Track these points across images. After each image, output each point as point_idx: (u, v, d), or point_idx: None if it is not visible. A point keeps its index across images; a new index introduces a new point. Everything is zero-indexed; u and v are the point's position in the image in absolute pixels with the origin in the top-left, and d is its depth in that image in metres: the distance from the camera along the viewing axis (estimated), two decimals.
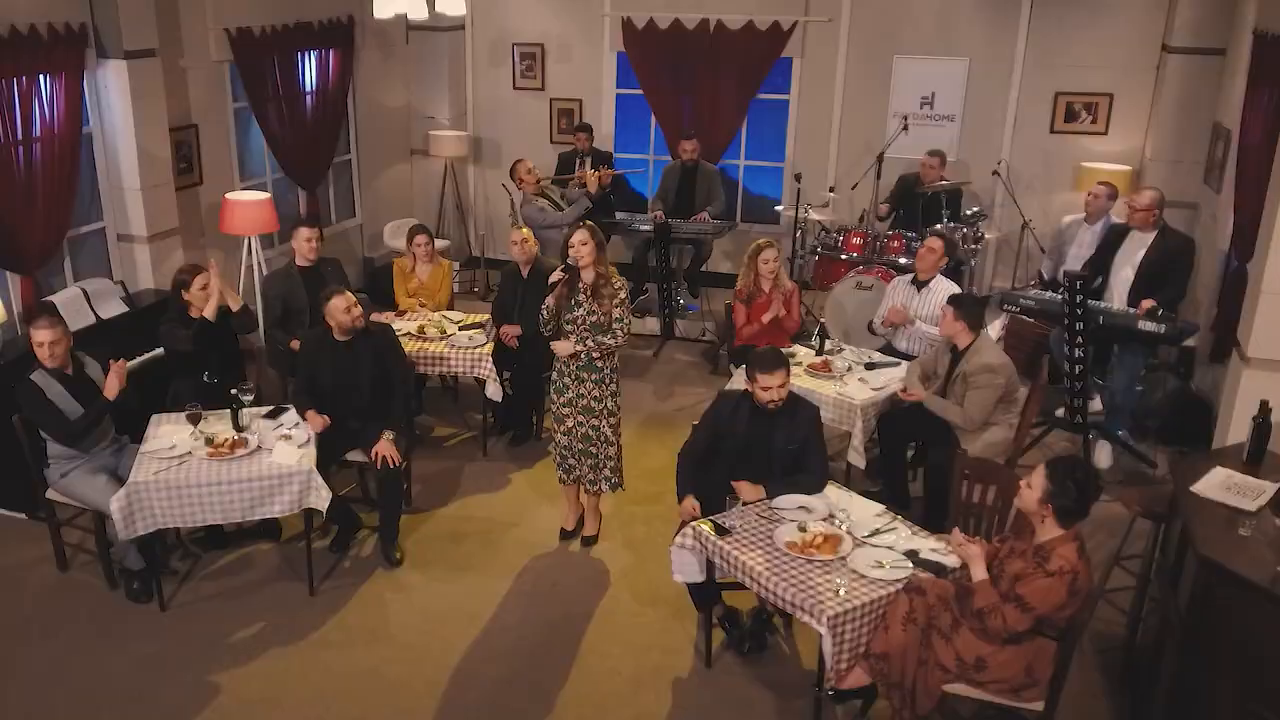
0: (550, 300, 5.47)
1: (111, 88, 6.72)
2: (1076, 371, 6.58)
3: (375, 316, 6.41)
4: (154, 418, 5.52)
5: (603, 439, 5.64)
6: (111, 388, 5.12)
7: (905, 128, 8.58)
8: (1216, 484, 4.33)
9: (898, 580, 4.26)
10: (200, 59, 7.54)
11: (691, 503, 4.92)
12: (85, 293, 6.30)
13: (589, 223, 5.45)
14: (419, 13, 6.85)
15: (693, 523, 4.70)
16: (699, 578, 4.79)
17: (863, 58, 9.45)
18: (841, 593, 4.16)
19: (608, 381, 5.58)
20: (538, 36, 10.05)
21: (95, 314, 6.28)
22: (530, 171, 8.31)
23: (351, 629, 5.15)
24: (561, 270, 5.44)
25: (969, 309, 5.80)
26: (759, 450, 4.98)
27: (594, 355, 5.46)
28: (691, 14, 9.54)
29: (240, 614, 5.22)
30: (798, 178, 8.56)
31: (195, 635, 5.05)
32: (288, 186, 8.68)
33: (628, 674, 4.86)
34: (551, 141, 10.28)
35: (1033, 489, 3.90)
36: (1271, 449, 4.79)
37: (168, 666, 4.84)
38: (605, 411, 5.60)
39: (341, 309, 5.61)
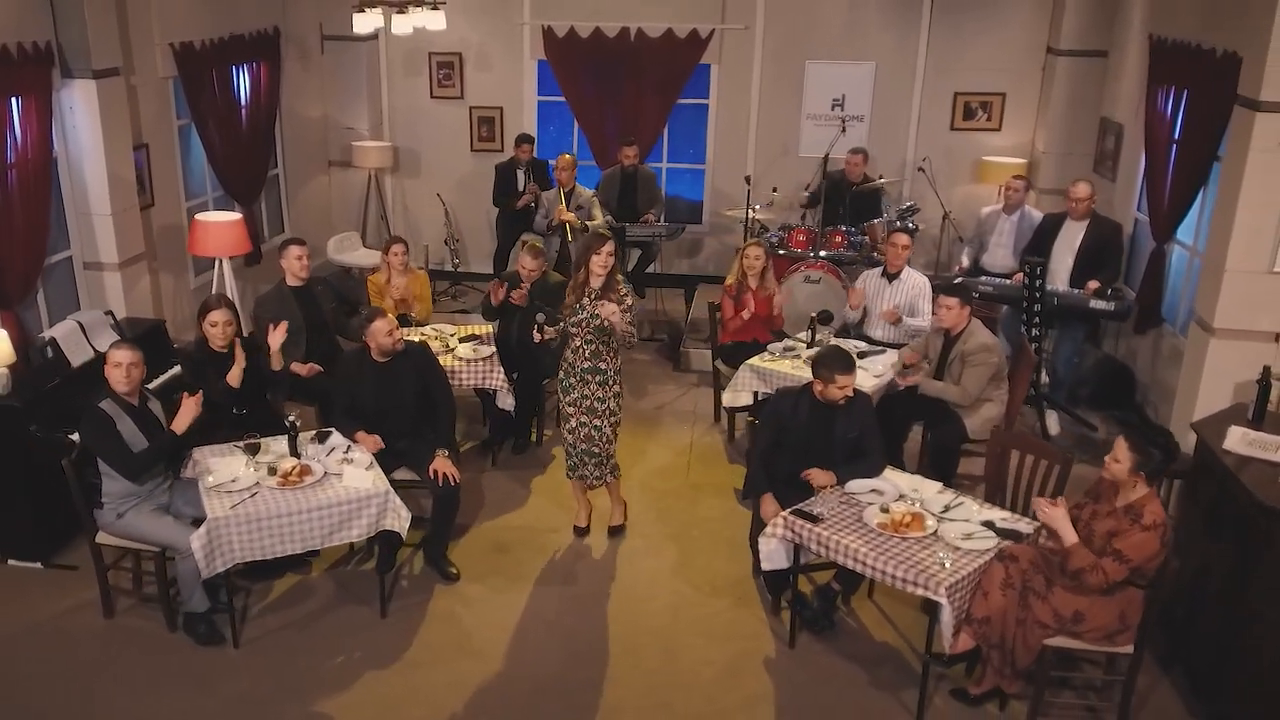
0: (568, 300, 5.76)
1: (78, 109, 6.39)
2: (1033, 348, 7.24)
3: (279, 332, 5.95)
4: (195, 451, 5.33)
5: (604, 439, 5.84)
6: (183, 422, 4.95)
7: (844, 129, 9.10)
8: (1238, 441, 4.96)
9: (988, 550, 4.69)
10: (149, 76, 7.22)
11: (773, 503, 5.18)
12: (81, 326, 5.97)
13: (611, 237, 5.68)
14: (403, 28, 6.81)
15: (781, 513, 4.98)
16: (786, 564, 5.09)
17: (777, 63, 9.93)
18: (948, 565, 4.55)
19: (610, 384, 5.78)
20: (455, 45, 10.02)
21: (93, 347, 5.96)
22: (564, 169, 8.52)
23: (436, 647, 5.16)
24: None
25: (968, 298, 6.31)
26: (821, 441, 5.32)
27: (601, 361, 5.71)
28: (612, 22, 9.77)
29: (317, 644, 5.15)
30: (747, 180, 8.95)
31: (280, 669, 4.96)
32: (222, 204, 8.38)
33: (721, 663, 5.10)
34: (472, 150, 10.30)
35: (1121, 462, 4.37)
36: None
37: (268, 703, 4.74)
38: (607, 412, 5.80)
39: (384, 331, 5.58)
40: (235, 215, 7.22)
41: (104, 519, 5.02)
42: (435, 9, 6.98)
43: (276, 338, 5.79)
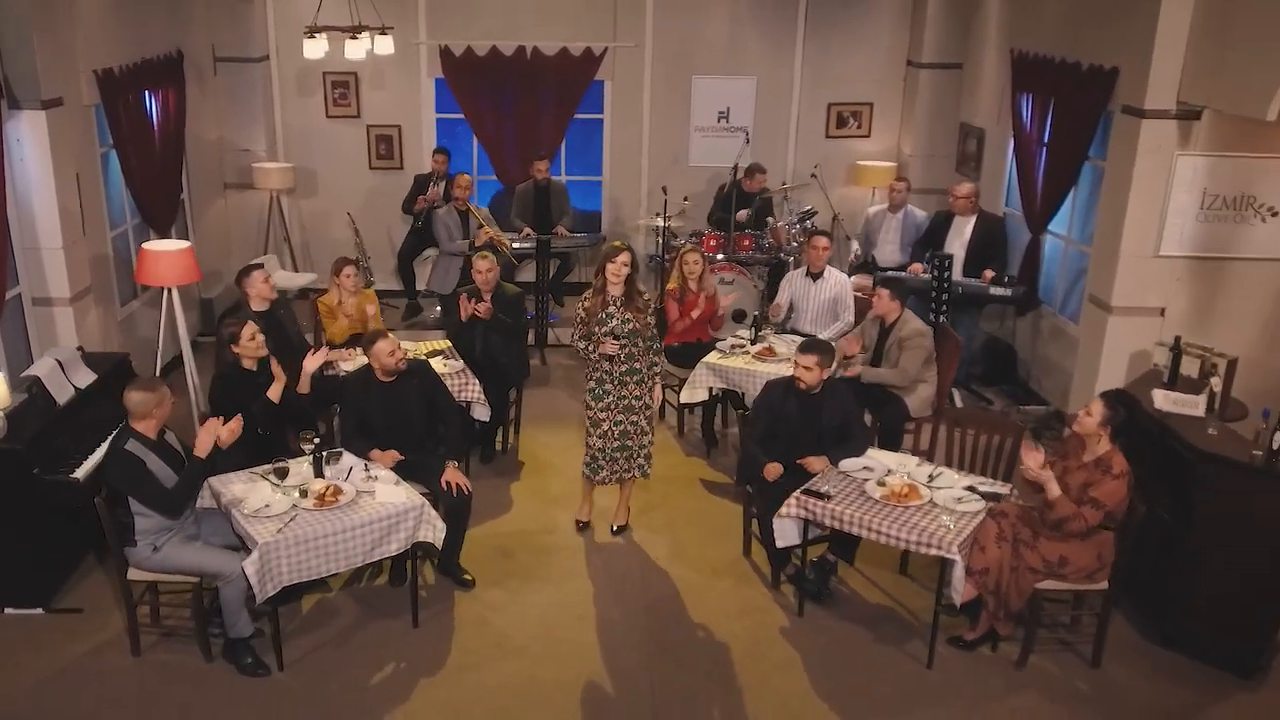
0: (582, 311, 6.06)
1: (26, 140, 6.20)
2: None
3: (318, 356, 6.11)
4: (215, 480, 5.33)
5: (640, 431, 6.22)
6: (204, 445, 4.99)
7: (748, 140, 9.70)
8: (1163, 401, 5.79)
9: (979, 511, 5.34)
10: (75, 103, 6.99)
11: (775, 466, 5.72)
12: (60, 363, 5.81)
13: (630, 247, 6.02)
14: (355, 53, 6.91)
15: (793, 495, 5.48)
16: (798, 541, 5.60)
17: (666, 79, 10.46)
18: (953, 527, 5.16)
19: (645, 380, 6.18)
20: (350, 65, 9.97)
21: (72, 385, 5.81)
22: (465, 188, 8.90)
23: (477, 651, 5.37)
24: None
25: (898, 290, 6.99)
26: (810, 429, 5.86)
27: (636, 361, 6.06)
28: (508, 41, 10.04)
29: (359, 659, 5.27)
30: (664, 190, 9.42)
31: (332, 686, 5.06)
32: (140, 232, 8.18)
33: (743, 636, 5.55)
34: (370, 168, 10.34)
35: (1092, 415, 5.10)
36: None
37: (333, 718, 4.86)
38: (643, 406, 6.19)
39: (386, 352, 5.74)
40: (185, 243, 7.10)
41: (138, 555, 4.98)
42: (384, 34, 7.11)
43: (315, 361, 5.91)
